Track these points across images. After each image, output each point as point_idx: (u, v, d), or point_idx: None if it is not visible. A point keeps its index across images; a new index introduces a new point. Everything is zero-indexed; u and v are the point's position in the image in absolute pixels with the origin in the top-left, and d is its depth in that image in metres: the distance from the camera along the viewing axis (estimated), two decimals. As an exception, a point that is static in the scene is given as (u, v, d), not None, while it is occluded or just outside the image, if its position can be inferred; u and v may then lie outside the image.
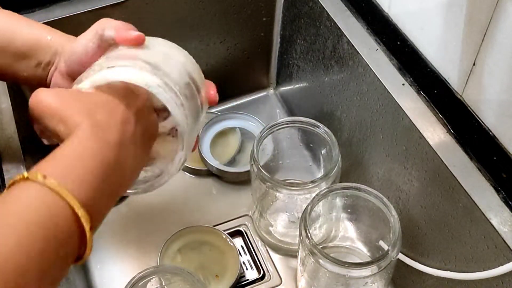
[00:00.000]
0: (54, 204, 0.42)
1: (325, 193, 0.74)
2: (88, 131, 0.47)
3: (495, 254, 0.61)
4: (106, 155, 0.46)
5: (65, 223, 0.42)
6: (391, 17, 0.80)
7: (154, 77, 0.51)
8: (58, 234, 0.41)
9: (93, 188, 0.44)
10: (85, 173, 0.44)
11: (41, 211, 0.41)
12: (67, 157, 0.45)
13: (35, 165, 0.45)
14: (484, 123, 0.67)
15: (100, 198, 0.45)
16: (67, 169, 0.44)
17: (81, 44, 0.58)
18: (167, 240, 0.86)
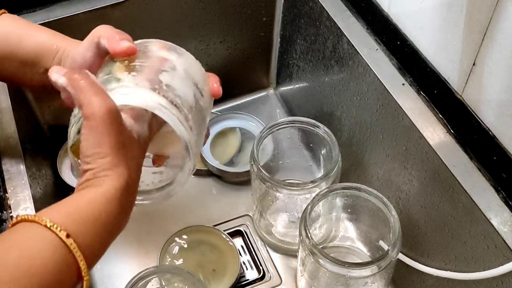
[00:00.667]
0: (66, 262, 0.44)
1: (325, 193, 0.74)
2: (118, 193, 0.47)
3: (495, 254, 0.61)
4: (121, 220, 0.49)
5: (69, 279, 0.45)
6: (391, 17, 0.80)
7: (154, 95, 0.50)
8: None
9: (98, 248, 0.47)
10: (97, 236, 0.47)
11: (54, 266, 0.43)
12: (89, 217, 0.46)
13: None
14: (484, 123, 0.67)
15: (100, 252, 0.49)
16: (85, 231, 0.46)
17: (79, 53, 0.58)
18: (167, 240, 0.86)
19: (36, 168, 0.76)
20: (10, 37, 0.61)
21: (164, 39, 0.96)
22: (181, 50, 0.58)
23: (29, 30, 0.62)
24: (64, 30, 0.78)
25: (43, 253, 0.43)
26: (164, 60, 0.55)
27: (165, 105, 0.50)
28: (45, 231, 0.44)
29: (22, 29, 0.62)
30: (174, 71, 0.54)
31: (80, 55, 0.58)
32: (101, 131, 0.47)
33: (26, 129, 0.78)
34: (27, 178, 0.67)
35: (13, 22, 0.63)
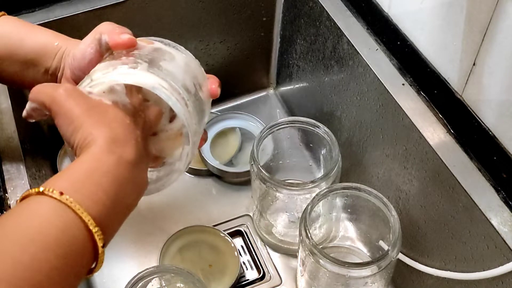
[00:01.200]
0: (70, 220, 0.42)
1: (325, 193, 0.74)
2: (104, 147, 0.47)
3: (495, 254, 0.61)
4: (121, 173, 0.47)
5: (80, 239, 0.43)
6: (391, 17, 0.80)
7: (157, 78, 0.51)
8: (73, 250, 0.42)
9: (107, 205, 0.45)
10: (99, 191, 0.45)
11: (58, 227, 0.42)
12: (82, 174, 0.46)
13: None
14: (484, 123, 0.67)
15: (113, 215, 0.46)
16: (82, 186, 0.45)
17: (80, 50, 0.58)
18: (167, 240, 0.86)
19: (36, 168, 0.76)
20: (11, 38, 0.61)
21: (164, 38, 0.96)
22: (181, 48, 0.58)
23: (29, 31, 0.62)
24: (64, 30, 0.78)
25: (55, 224, 0.42)
26: (164, 52, 0.56)
27: (165, 86, 0.50)
28: (52, 201, 0.43)
29: (22, 29, 0.62)
30: (174, 61, 0.54)
31: (80, 51, 0.58)
32: (65, 110, 0.48)
33: (26, 129, 0.78)
34: (27, 178, 0.67)
35: (13, 23, 0.63)
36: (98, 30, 0.58)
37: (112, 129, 0.48)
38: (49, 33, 0.62)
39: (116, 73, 0.51)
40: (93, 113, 0.49)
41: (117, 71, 0.51)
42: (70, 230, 0.42)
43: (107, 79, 0.50)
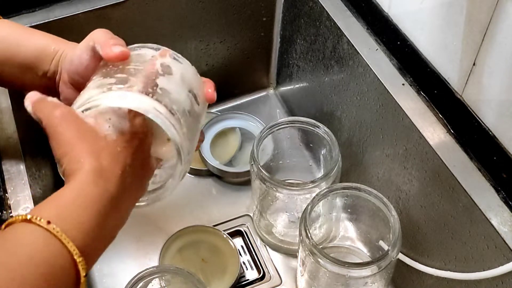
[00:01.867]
0: (56, 250, 0.44)
1: (325, 193, 0.74)
2: (90, 179, 0.48)
3: (495, 254, 0.61)
4: (104, 206, 0.48)
5: (65, 269, 0.44)
6: (391, 17, 0.80)
7: (152, 102, 0.51)
8: (59, 279, 0.44)
9: (90, 236, 0.46)
10: (85, 221, 0.46)
11: (46, 256, 0.43)
12: (69, 202, 0.47)
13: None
14: (484, 123, 0.67)
15: (97, 243, 0.48)
16: (69, 215, 0.46)
17: (76, 55, 0.59)
18: (167, 240, 0.86)
19: (36, 168, 0.76)
20: (8, 42, 0.61)
21: (164, 39, 0.96)
22: (177, 55, 0.58)
23: (26, 34, 0.62)
24: (64, 30, 0.78)
25: (42, 253, 0.43)
26: (159, 64, 0.55)
27: (159, 109, 0.51)
28: (39, 229, 0.44)
29: (19, 33, 0.62)
30: (170, 76, 0.54)
31: (77, 57, 0.58)
32: (58, 134, 0.49)
33: (26, 129, 0.78)
34: (27, 178, 0.67)
35: (10, 27, 0.63)
36: (92, 37, 0.58)
37: (99, 160, 0.49)
38: (46, 37, 0.62)
39: (111, 96, 0.51)
40: (84, 140, 0.49)
41: (112, 94, 0.51)
42: (56, 259, 0.44)
43: (102, 102, 0.50)
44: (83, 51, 0.58)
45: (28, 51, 0.61)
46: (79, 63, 0.58)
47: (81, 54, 0.58)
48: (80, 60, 0.58)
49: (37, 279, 0.42)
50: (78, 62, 0.58)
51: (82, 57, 0.58)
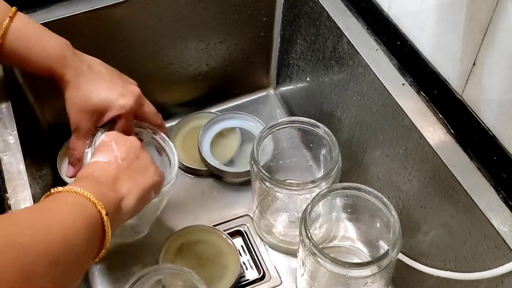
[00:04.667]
0: (90, 210, 0.54)
1: (325, 193, 0.74)
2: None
3: (495, 254, 0.61)
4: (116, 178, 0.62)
5: (96, 226, 0.54)
6: (391, 17, 0.80)
7: None
8: (93, 236, 0.54)
9: (114, 206, 0.58)
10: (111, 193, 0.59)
11: (82, 214, 0.54)
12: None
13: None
14: (484, 123, 0.67)
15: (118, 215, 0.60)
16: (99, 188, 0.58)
17: (73, 124, 0.69)
18: (167, 240, 0.86)
19: (36, 168, 0.76)
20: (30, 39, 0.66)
21: (164, 39, 0.96)
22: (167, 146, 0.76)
23: (41, 37, 0.67)
24: (64, 30, 0.78)
25: (79, 222, 0.53)
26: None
27: None
28: (84, 200, 0.54)
29: (32, 39, 0.67)
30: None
31: (74, 125, 0.69)
32: None
33: (26, 129, 0.78)
34: (27, 178, 0.67)
35: (25, 27, 0.67)
36: (93, 139, 0.69)
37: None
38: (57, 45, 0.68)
39: None
40: None
41: None
42: (92, 219, 0.54)
43: None
44: (83, 137, 0.70)
45: (38, 63, 0.67)
46: (75, 128, 0.70)
47: (80, 134, 0.70)
48: (78, 131, 0.70)
49: (80, 235, 0.51)
50: (75, 127, 0.70)
51: (80, 136, 0.70)
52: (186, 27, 0.93)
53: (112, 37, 0.88)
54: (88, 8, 0.83)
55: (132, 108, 0.69)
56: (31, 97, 0.88)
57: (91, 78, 0.67)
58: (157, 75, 0.97)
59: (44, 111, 0.92)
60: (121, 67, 0.73)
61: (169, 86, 1.00)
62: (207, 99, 1.06)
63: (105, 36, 0.87)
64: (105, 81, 0.68)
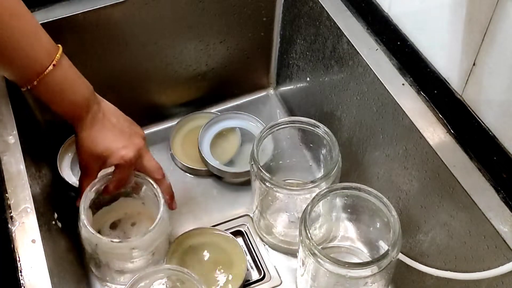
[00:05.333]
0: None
1: (325, 193, 0.74)
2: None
3: (495, 254, 0.61)
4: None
5: None
6: (391, 17, 0.80)
7: None
8: None
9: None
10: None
11: None
12: None
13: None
14: (484, 123, 0.67)
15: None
16: None
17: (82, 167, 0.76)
18: (174, 241, 0.86)
19: (36, 168, 0.76)
20: (50, 93, 0.69)
21: (164, 39, 0.96)
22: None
23: (70, 92, 0.70)
24: (64, 30, 0.78)
25: None
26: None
27: None
28: None
29: (66, 86, 0.70)
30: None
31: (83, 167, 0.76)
32: None
33: (26, 129, 0.78)
34: (27, 178, 0.67)
35: (63, 75, 0.69)
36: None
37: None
38: (85, 94, 0.72)
39: None
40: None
41: None
42: None
43: None
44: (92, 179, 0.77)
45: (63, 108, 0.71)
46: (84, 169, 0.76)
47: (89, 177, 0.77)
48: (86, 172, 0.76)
49: None
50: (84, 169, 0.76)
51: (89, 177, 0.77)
52: (185, 27, 0.93)
53: (111, 37, 0.88)
54: (88, 8, 0.83)
55: (131, 160, 0.74)
56: (31, 97, 0.88)
57: (103, 127, 0.73)
58: (157, 75, 0.97)
59: (44, 111, 0.92)
60: (120, 68, 0.73)
61: (168, 86, 1.00)
62: (207, 99, 1.06)
63: (105, 36, 0.87)
64: (114, 131, 0.74)
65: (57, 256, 0.69)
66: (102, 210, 0.84)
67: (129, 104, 0.82)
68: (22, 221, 0.63)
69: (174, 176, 0.96)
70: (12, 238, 0.62)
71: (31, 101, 0.89)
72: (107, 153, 0.73)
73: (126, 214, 0.86)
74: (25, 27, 0.64)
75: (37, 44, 0.65)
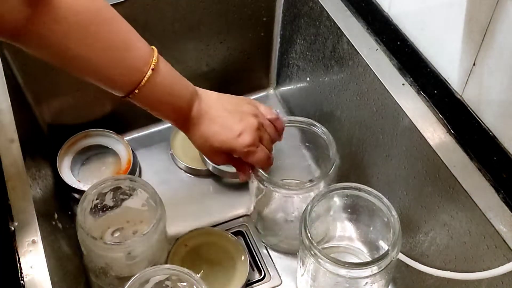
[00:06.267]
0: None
1: (325, 193, 0.74)
2: None
3: (495, 254, 0.61)
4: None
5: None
6: (391, 17, 0.80)
7: None
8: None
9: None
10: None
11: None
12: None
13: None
14: (484, 123, 0.67)
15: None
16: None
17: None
18: (174, 243, 0.86)
19: (36, 168, 0.76)
20: (150, 100, 0.65)
21: (164, 39, 0.96)
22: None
23: (170, 98, 0.67)
24: (64, 30, 0.77)
25: None
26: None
27: None
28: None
29: (166, 92, 0.66)
30: None
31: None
32: None
33: (26, 129, 0.78)
34: (27, 178, 0.67)
35: (162, 80, 0.65)
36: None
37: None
38: (186, 99, 0.68)
39: None
40: None
41: None
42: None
43: None
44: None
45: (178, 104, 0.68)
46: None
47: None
48: None
49: None
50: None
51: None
52: (186, 27, 0.93)
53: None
54: (88, 8, 0.83)
55: (253, 143, 0.70)
56: (31, 97, 0.88)
57: (210, 121, 0.69)
58: (157, 75, 0.97)
59: (44, 111, 0.92)
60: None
61: (169, 86, 1.00)
62: (207, 99, 1.06)
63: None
64: (222, 121, 0.69)
65: (57, 256, 0.69)
66: (104, 217, 0.84)
67: (130, 104, 0.82)
68: (22, 221, 0.63)
69: (174, 176, 0.97)
70: (12, 238, 0.62)
71: (31, 101, 0.89)
72: (226, 147, 0.69)
73: (129, 222, 0.86)
74: (118, 33, 0.60)
75: (133, 51, 0.61)
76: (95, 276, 0.82)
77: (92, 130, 0.95)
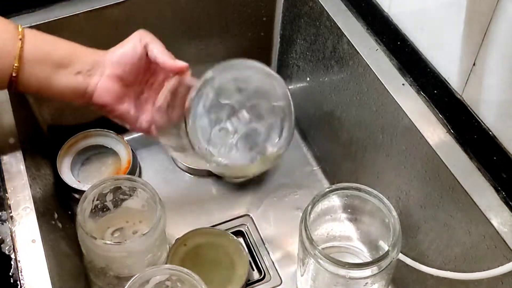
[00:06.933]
0: None
1: (325, 193, 0.74)
2: None
3: (495, 254, 0.61)
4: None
5: None
6: (391, 17, 0.80)
7: None
8: None
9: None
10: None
11: None
12: None
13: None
14: (484, 123, 0.67)
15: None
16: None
17: (130, 47, 0.66)
18: (174, 243, 0.86)
19: (36, 168, 0.76)
20: (43, 43, 0.64)
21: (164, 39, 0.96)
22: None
23: (58, 40, 0.66)
24: (64, 30, 0.78)
25: None
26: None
27: None
28: None
29: (53, 38, 0.66)
30: None
31: (131, 49, 0.66)
32: None
33: (26, 129, 0.78)
34: (27, 178, 0.67)
35: (42, 35, 0.66)
36: (142, 36, 0.67)
37: None
38: (75, 43, 0.67)
39: None
40: None
41: None
42: None
43: None
44: (136, 45, 0.65)
45: (63, 50, 0.65)
46: (134, 55, 0.65)
47: (135, 47, 0.65)
48: (135, 52, 0.65)
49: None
50: (134, 54, 0.65)
51: (137, 49, 0.65)
52: (186, 26, 0.93)
53: (112, 37, 0.87)
54: (88, 8, 0.83)
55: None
56: (31, 97, 0.88)
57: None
58: (157, 75, 0.97)
59: (44, 111, 0.92)
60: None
61: (169, 86, 1.00)
62: (207, 99, 1.06)
63: (105, 36, 0.87)
64: None
65: (57, 256, 0.69)
66: (104, 217, 0.84)
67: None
68: (22, 221, 0.63)
69: (174, 176, 0.97)
70: (12, 238, 0.62)
71: (31, 101, 0.89)
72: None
73: (128, 222, 0.86)
74: None
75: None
76: (95, 276, 0.82)
77: (92, 130, 0.95)
